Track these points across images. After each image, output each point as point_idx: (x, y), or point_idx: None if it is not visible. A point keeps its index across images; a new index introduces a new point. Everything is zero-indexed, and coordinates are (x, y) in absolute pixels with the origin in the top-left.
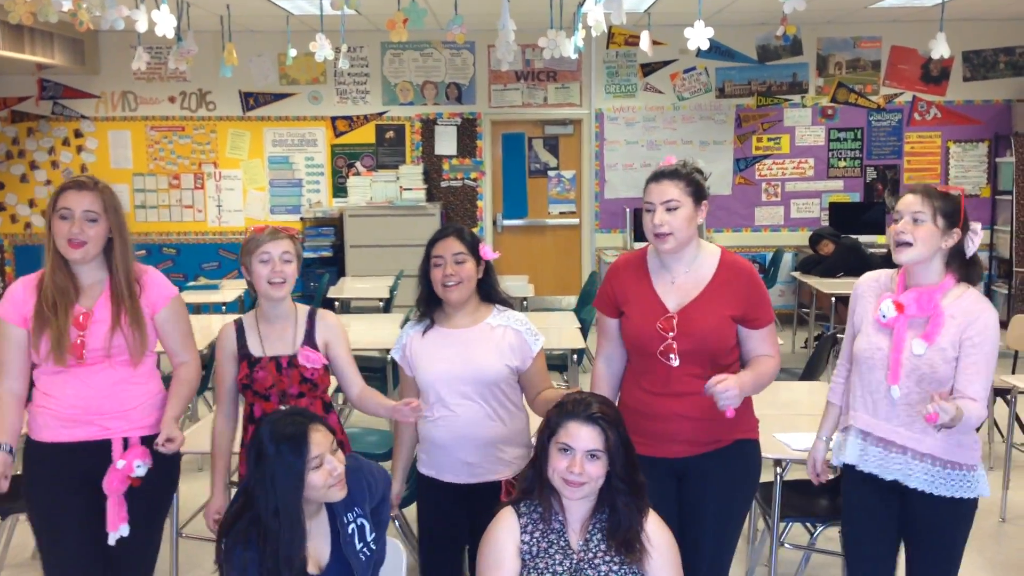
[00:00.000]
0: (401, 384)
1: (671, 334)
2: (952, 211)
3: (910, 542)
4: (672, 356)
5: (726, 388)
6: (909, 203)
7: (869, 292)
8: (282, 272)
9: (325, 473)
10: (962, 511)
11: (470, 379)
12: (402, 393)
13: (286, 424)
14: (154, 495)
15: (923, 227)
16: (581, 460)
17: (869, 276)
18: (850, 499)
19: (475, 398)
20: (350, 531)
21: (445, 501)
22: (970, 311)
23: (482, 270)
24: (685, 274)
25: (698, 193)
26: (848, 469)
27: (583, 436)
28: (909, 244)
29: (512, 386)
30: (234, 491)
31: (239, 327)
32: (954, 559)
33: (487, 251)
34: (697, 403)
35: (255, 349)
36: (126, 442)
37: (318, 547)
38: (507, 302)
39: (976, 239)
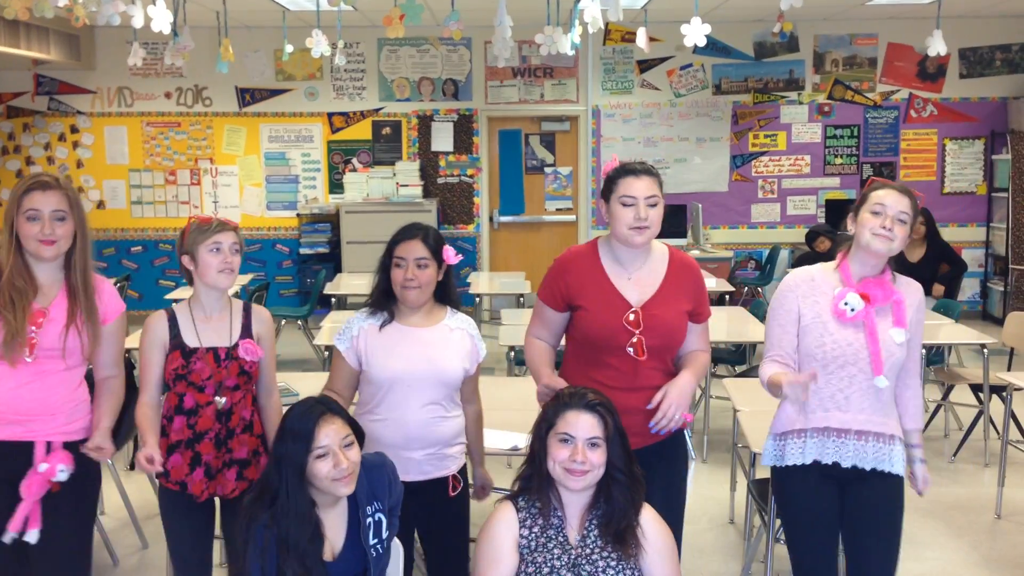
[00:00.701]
0: (335, 375)
1: (639, 329)
2: (916, 215)
3: (859, 531)
4: (635, 350)
5: (673, 414)
6: (895, 202)
7: (813, 291)
8: (231, 263)
9: (329, 465)
10: (902, 490)
11: (433, 380)
12: (332, 384)
13: (304, 410)
14: (76, 497)
15: (904, 227)
16: (583, 448)
17: (800, 275)
18: (797, 497)
19: (432, 398)
20: (367, 523)
21: None
22: (910, 293)
23: (442, 272)
24: (639, 269)
25: (661, 192)
26: (790, 470)
27: (583, 424)
28: (891, 240)
29: (458, 387)
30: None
31: (171, 317)
32: (899, 541)
33: (450, 254)
34: (651, 396)
35: (190, 340)
36: (48, 446)
37: (334, 536)
38: (459, 304)
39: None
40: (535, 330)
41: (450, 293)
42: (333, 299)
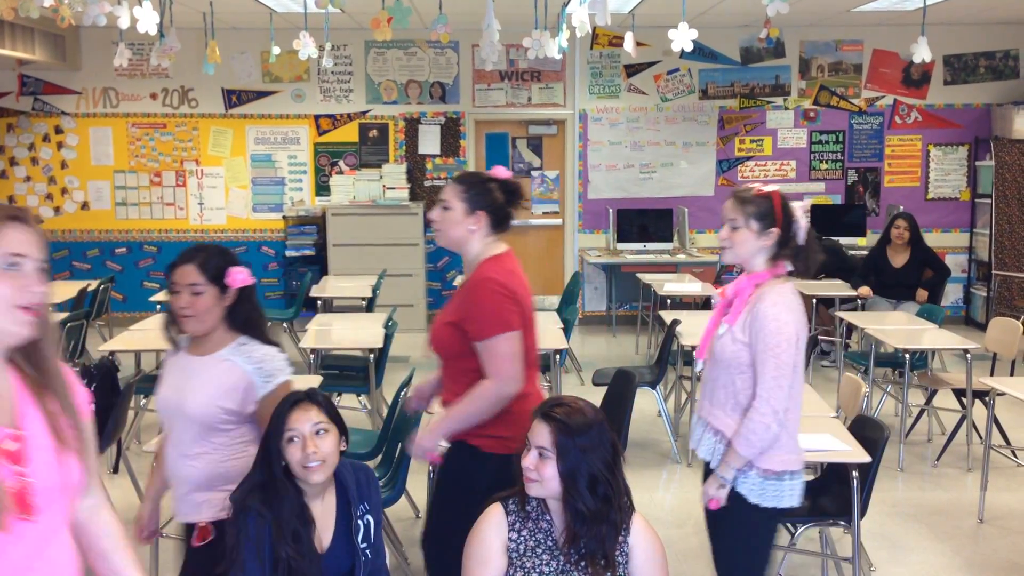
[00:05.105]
0: None
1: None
2: (766, 212)
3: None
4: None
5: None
6: (725, 210)
7: None
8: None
9: (297, 450)
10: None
11: (177, 414)
12: None
13: (285, 397)
14: None
15: (738, 232)
16: (533, 456)
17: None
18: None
19: (181, 435)
20: (356, 525)
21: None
22: (759, 296)
23: (232, 297)
24: (461, 278)
25: (473, 201)
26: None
27: (538, 432)
28: (728, 247)
29: (227, 429)
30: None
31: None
32: (736, 545)
33: (238, 277)
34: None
35: None
36: None
37: (322, 528)
38: (257, 332)
39: (801, 229)
40: None
41: (243, 320)
42: (319, 302)
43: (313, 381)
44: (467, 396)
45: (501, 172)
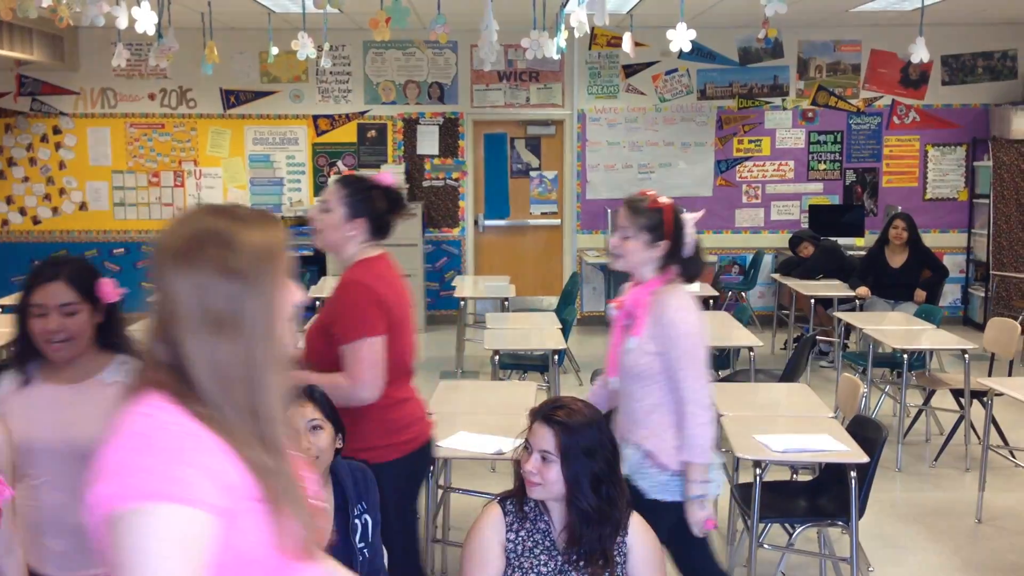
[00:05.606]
0: None
1: None
2: (655, 225)
3: None
4: None
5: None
6: (619, 218)
7: None
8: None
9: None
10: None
11: (65, 452)
12: None
13: None
14: None
15: (628, 242)
16: (534, 459)
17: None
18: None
19: (70, 473)
20: (354, 524)
21: None
22: (660, 305)
23: (103, 313)
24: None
25: (354, 207)
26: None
27: (540, 435)
28: (618, 256)
29: None
30: None
31: None
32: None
33: (109, 290)
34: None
35: None
36: None
37: None
38: (132, 349)
39: (688, 243)
40: None
41: (115, 337)
42: (318, 302)
43: None
44: (331, 375)
45: (386, 178)
